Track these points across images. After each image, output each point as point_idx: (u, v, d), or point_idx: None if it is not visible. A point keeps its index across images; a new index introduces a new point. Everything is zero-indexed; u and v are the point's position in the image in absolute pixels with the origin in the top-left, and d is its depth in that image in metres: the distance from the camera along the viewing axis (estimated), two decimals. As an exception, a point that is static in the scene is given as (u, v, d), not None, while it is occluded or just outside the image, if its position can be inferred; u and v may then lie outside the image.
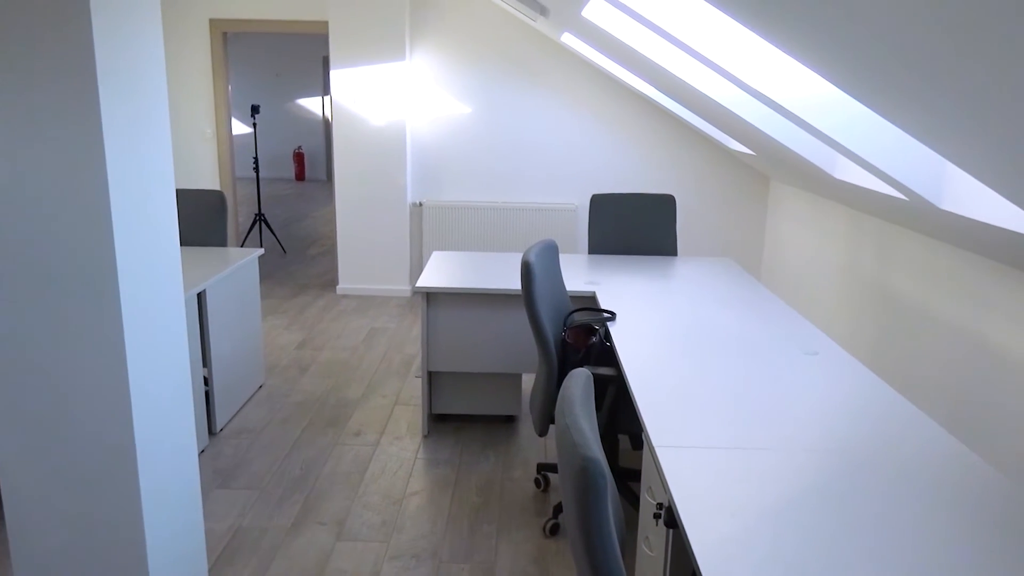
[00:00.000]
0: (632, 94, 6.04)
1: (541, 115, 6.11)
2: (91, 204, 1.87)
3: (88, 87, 1.81)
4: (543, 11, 4.35)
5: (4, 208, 1.88)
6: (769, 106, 2.73)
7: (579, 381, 1.44)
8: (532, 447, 3.65)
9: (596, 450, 1.20)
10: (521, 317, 3.55)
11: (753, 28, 1.89)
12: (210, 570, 2.67)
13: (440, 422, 3.90)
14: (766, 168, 5.54)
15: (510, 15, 5.94)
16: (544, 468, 3.29)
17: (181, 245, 4.19)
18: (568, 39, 5.13)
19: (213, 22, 6.26)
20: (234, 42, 13.45)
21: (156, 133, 2.07)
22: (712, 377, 2.35)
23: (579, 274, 3.68)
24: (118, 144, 1.90)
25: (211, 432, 3.68)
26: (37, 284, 1.92)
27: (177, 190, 4.43)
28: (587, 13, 3.33)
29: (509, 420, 3.94)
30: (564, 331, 2.93)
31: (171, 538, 2.24)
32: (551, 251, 3.02)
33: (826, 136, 2.58)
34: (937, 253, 3.43)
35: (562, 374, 2.87)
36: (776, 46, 1.90)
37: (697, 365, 2.45)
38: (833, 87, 2.49)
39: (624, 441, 3.72)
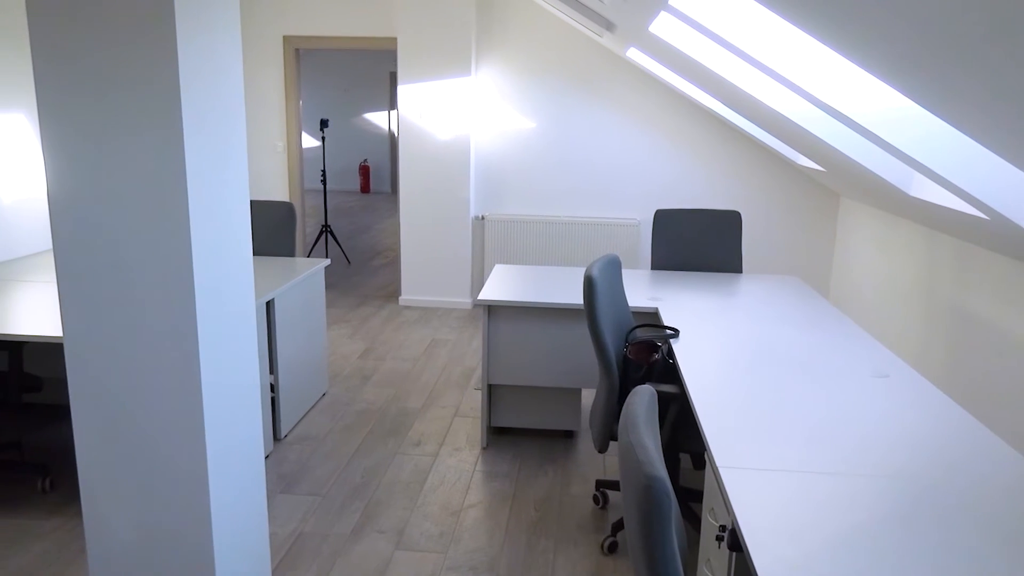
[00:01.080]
0: (698, 109, 5.98)
1: (605, 130, 6.10)
2: (171, 215, 1.95)
3: (171, 103, 1.89)
4: (609, 26, 4.35)
5: (90, 219, 1.97)
6: (841, 121, 2.67)
7: (643, 398, 1.43)
8: (591, 463, 3.62)
9: (661, 469, 1.19)
10: (582, 332, 3.54)
11: (824, 40, 1.85)
12: (273, 573, 2.72)
13: (499, 435, 3.91)
14: (836, 185, 5.40)
15: (575, 30, 5.96)
16: (603, 485, 3.26)
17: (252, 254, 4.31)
18: (634, 54, 5.12)
19: (287, 39, 6.46)
20: (305, 58, 13.84)
21: (233, 147, 2.15)
22: (778, 397, 2.29)
23: (642, 290, 3.65)
24: (198, 157, 1.97)
25: (276, 438, 3.77)
26: (117, 291, 2.00)
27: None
28: (654, 28, 3.32)
29: (568, 435, 3.92)
30: (626, 347, 2.91)
31: (237, 540, 2.29)
32: (614, 266, 3.00)
33: (901, 152, 2.50)
34: (1018, 274, 3.29)
35: (623, 390, 2.85)
36: (848, 58, 1.86)
37: (763, 384, 2.40)
38: (908, 100, 2.42)
39: (685, 460, 3.66)
